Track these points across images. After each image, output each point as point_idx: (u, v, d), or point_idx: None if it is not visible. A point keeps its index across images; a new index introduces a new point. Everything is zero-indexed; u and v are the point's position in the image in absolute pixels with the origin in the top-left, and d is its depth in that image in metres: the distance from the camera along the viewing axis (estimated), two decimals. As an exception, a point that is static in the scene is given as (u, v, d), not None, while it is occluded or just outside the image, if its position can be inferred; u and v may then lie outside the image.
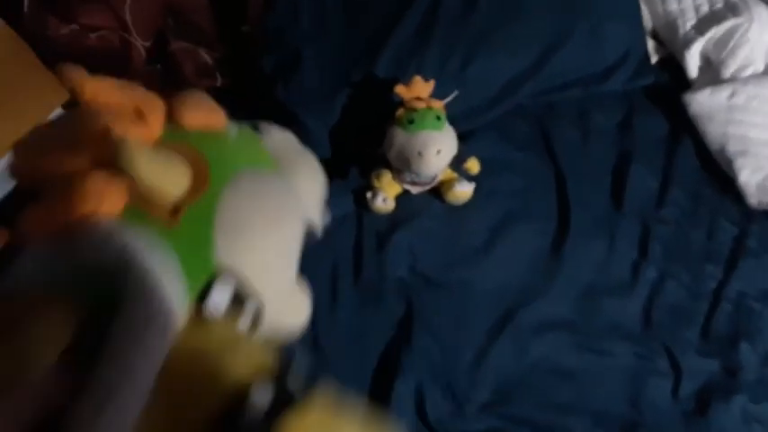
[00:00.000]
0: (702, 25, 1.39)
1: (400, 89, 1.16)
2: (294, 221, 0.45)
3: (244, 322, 0.42)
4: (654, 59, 1.46)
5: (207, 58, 1.37)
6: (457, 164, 1.19)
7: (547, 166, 1.29)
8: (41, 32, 1.13)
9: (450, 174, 1.21)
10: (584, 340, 1.08)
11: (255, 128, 0.50)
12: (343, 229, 1.19)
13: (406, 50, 1.29)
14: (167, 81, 1.33)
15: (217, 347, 0.39)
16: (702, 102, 1.31)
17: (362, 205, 1.21)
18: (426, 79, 1.17)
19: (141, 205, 0.37)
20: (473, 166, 1.21)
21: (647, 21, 1.47)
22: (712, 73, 1.37)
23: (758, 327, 1.11)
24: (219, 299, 0.39)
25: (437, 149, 1.11)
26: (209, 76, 1.37)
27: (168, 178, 0.36)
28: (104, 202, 0.35)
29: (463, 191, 1.19)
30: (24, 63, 1.17)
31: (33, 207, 0.37)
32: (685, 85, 1.40)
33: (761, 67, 1.36)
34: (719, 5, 1.40)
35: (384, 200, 1.19)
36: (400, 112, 1.15)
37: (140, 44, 1.26)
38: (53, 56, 1.18)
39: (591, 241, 1.18)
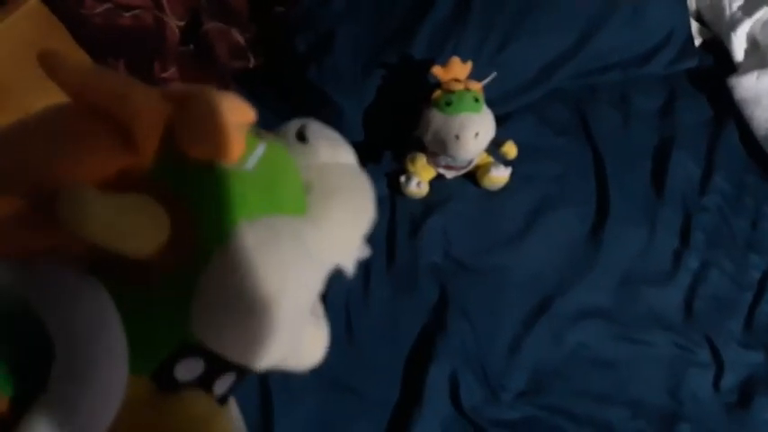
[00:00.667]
0: (750, 5, 1.34)
1: (437, 70, 1.13)
2: (305, 289, 0.36)
3: (215, 395, 0.35)
4: (698, 42, 1.41)
5: (240, 38, 1.35)
6: (493, 148, 1.17)
7: (586, 150, 1.26)
8: (75, 10, 1.12)
9: (486, 158, 1.19)
10: (622, 329, 1.06)
11: (302, 136, 0.38)
12: (376, 214, 1.17)
13: (442, 31, 1.26)
14: (200, 61, 1.32)
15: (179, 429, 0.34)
16: (749, 86, 1.26)
17: (396, 189, 1.19)
18: (464, 61, 1.15)
19: (104, 257, 0.30)
20: (510, 150, 1.18)
21: (692, 1, 1.42)
22: (760, 56, 1.32)
23: (804, 319, 1.08)
24: (185, 376, 0.33)
25: (475, 132, 1.09)
26: (242, 56, 1.36)
27: (133, 239, 0.29)
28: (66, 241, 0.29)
29: (499, 176, 1.17)
30: (58, 41, 1.16)
31: None
32: (730, 68, 1.35)
33: (811, 50, 1.31)
34: (769, -15, 1.35)
35: (418, 184, 1.17)
36: (437, 93, 1.13)
37: (174, 23, 1.25)
38: (87, 34, 1.18)
39: (631, 228, 1.15)
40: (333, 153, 0.39)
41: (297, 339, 0.38)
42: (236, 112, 0.31)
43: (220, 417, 0.36)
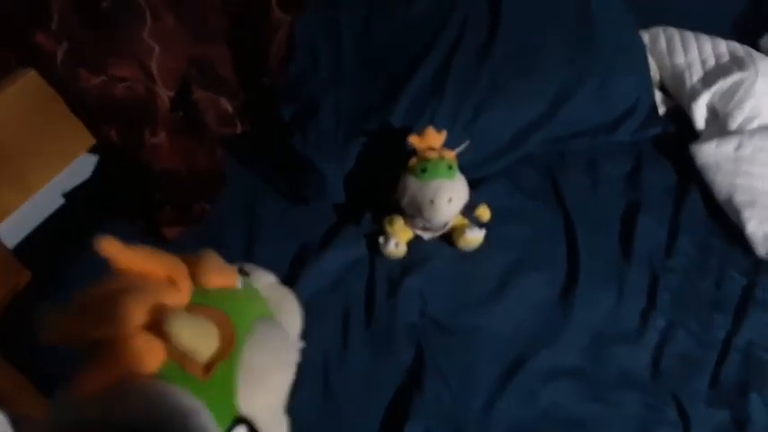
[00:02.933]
0: (709, 78, 1.43)
1: (413, 139, 1.20)
2: (294, 360, 0.51)
3: None
4: (661, 111, 1.49)
5: (228, 106, 1.42)
6: (468, 211, 1.22)
7: (556, 214, 1.32)
8: (73, 83, 1.19)
9: (461, 220, 1.24)
10: (593, 389, 1.09)
11: (242, 270, 0.55)
12: (356, 274, 1.21)
13: (419, 101, 1.34)
14: (189, 127, 1.38)
15: None
16: (710, 153, 1.34)
17: (375, 250, 1.24)
18: (439, 129, 1.21)
19: (178, 363, 0.41)
20: (484, 213, 1.24)
21: (655, 73, 1.51)
22: (719, 124, 1.40)
23: (768, 377, 1.11)
24: None
25: (449, 197, 1.15)
26: (230, 123, 1.43)
27: (206, 343, 0.41)
28: (146, 360, 0.39)
29: (474, 237, 1.22)
30: (53, 112, 1.22)
31: (80, 371, 0.40)
32: (693, 135, 1.43)
33: (766, 120, 1.39)
34: (725, 59, 1.44)
35: (396, 245, 1.22)
36: (413, 161, 1.19)
37: (165, 93, 1.31)
38: (82, 104, 1.24)
39: (600, 290, 1.19)
40: (266, 277, 0.57)
41: (281, 419, 0.52)
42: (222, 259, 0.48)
43: None
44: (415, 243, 1.25)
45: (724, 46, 1.47)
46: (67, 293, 0.41)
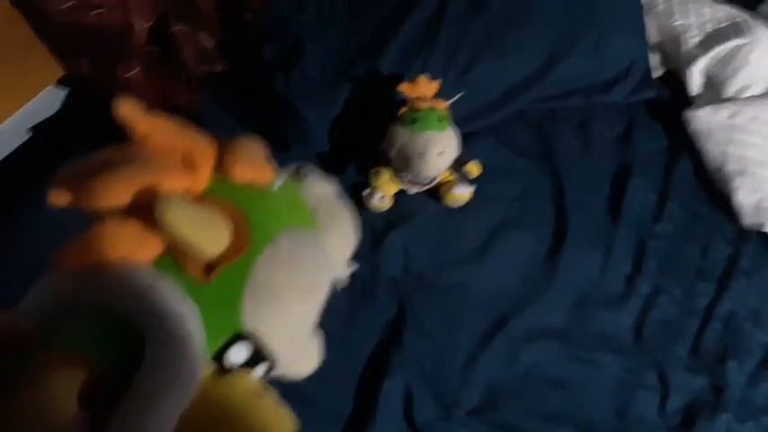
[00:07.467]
0: (706, 43, 1.40)
1: (404, 87, 1.14)
2: (323, 290, 0.46)
3: (255, 378, 0.43)
4: (656, 74, 1.46)
5: (207, 42, 1.34)
6: (457, 166, 1.18)
7: (546, 173, 1.29)
8: (40, 6, 1.10)
9: (449, 175, 1.20)
10: (574, 350, 1.08)
11: (298, 172, 0.49)
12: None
13: (410, 48, 1.28)
14: (166, 63, 1.30)
15: (238, 402, 0.40)
16: (703, 119, 1.31)
17: (359, 202, 1.19)
18: (431, 79, 1.16)
19: (176, 257, 0.37)
20: (473, 169, 1.20)
21: (652, 35, 1.47)
22: (714, 91, 1.38)
23: (746, 346, 1.12)
24: (235, 359, 0.40)
25: (439, 151, 1.10)
26: (208, 61, 1.35)
27: (208, 238, 0.36)
28: (138, 250, 0.35)
29: (461, 193, 1.18)
30: (20, 38, 1.14)
31: (70, 242, 0.36)
32: (686, 101, 1.40)
33: (760, 89, 1.37)
34: (723, 25, 1.41)
35: (381, 198, 1.17)
36: (403, 110, 1.14)
37: (140, 24, 1.23)
38: (50, 30, 1.16)
39: (587, 252, 1.17)
40: (324, 187, 0.52)
41: (311, 338, 0.48)
42: (265, 152, 0.44)
43: (270, 392, 0.44)
44: (399, 196, 1.21)
45: (723, 11, 1.43)
46: (30, 230, 0.37)
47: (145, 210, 0.34)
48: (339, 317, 1.07)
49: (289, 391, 0.99)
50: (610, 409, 1.04)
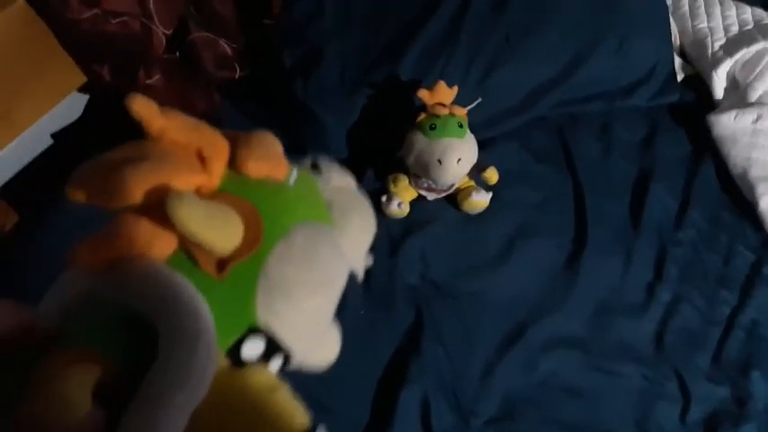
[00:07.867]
0: (731, 46, 1.37)
1: (423, 93, 1.14)
2: (338, 284, 0.45)
3: (271, 372, 0.43)
4: (680, 77, 1.44)
5: (227, 48, 1.35)
6: (475, 173, 1.18)
7: (566, 179, 1.28)
8: (62, 14, 1.11)
9: (467, 182, 1.20)
10: (594, 359, 1.07)
11: (315, 165, 0.48)
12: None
13: (430, 54, 1.27)
14: (186, 69, 1.31)
15: (252, 396, 0.40)
16: (727, 124, 1.29)
17: (376, 208, 1.19)
18: (449, 84, 1.15)
19: (189, 253, 0.36)
20: (492, 176, 1.19)
21: (676, 38, 1.44)
22: (739, 95, 1.35)
23: (770, 356, 1.10)
24: (250, 354, 0.40)
25: (458, 158, 1.10)
26: (228, 67, 1.36)
27: (219, 235, 0.36)
28: (153, 247, 0.35)
29: (480, 200, 1.18)
30: (43, 45, 1.15)
31: (84, 240, 0.37)
32: (710, 105, 1.38)
33: (789, 92, 1.34)
34: (749, 27, 1.38)
35: (399, 205, 1.17)
36: (422, 117, 1.13)
37: (161, 31, 1.24)
38: (72, 38, 1.17)
39: (607, 259, 1.16)
40: (341, 179, 0.50)
41: (328, 329, 0.48)
42: (280, 146, 0.43)
43: (284, 386, 0.44)
44: (418, 203, 1.21)
45: (749, 13, 1.41)
46: (54, 235, 0.37)
47: (160, 207, 0.35)
48: (356, 324, 1.07)
49: (306, 398, 1.00)
50: (629, 420, 1.02)
